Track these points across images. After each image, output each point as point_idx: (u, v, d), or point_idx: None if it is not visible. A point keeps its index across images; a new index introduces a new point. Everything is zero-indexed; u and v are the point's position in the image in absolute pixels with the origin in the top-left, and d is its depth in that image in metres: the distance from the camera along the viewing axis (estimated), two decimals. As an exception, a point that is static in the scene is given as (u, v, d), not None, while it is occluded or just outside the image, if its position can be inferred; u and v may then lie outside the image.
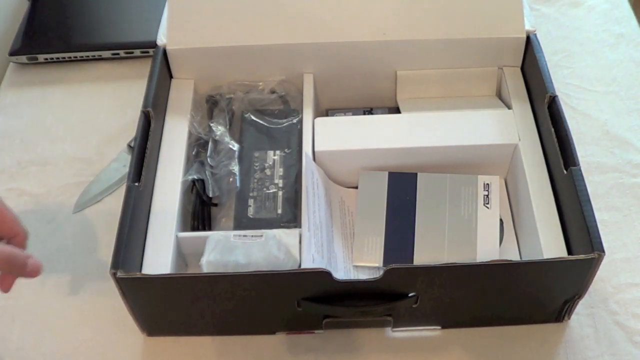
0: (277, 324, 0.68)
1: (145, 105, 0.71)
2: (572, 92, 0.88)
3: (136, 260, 0.65)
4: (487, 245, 0.71)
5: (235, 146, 0.77)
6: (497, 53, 0.80)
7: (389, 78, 0.82)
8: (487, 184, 0.74)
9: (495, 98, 0.82)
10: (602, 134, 0.84)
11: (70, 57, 0.94)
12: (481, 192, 0.74)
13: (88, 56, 0.94)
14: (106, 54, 0.94)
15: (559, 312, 0.67)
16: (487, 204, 0.73)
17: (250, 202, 0.74)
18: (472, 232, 0.72)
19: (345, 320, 0.66)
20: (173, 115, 0.77)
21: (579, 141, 0.67)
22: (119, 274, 0.59)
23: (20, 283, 0.73)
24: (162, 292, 0.63)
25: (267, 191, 0.74)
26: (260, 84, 0.82)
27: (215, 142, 0.78)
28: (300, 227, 0.68)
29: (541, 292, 0.65)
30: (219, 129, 0.78)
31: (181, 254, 0.70)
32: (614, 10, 0.98)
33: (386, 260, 0.71)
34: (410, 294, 0.63)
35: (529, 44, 0.78)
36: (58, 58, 0.94)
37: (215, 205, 0.76)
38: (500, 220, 0.73)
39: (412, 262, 0.71)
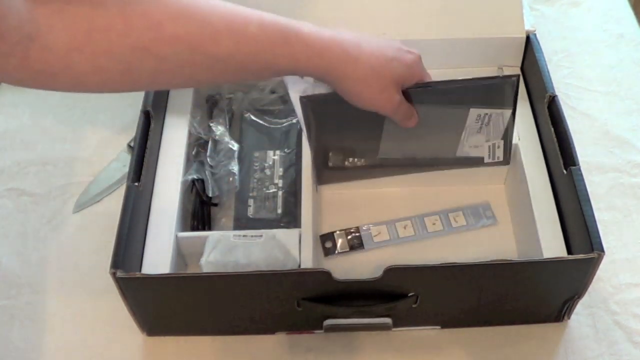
0: (277, 324, 0.68)
1: (145, 105, 0.71)
2: (572, 92, 0.88)
3: (136, 260, 0.65)
4: None
5: (235, 146, 0.77)
6: (497, 53, 0.80)
7: (389, 78, 0.82)
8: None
9: (495, 98, 0.82)
10: (602, 134, 0.84)
11: (70, 57, 0.94)
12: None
13: (88, 56, 0.94)
14: (106, 53, 0.94)
15: (559, 311, 0.67)
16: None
17: (250, 202, 0.74)
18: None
19: (345, 324, 0.66)
20: (173, 115, 0.77)
21: (579, 141, 0.67)
22: (119, 274, 0.59)
23: (20, 283, 0.73)
24: (162, 292, 0.64)
25: (267, 191, 0.74)
26: (260, 84, 0.82)
27: (215, 142, 0.78)
28: (300, 227, 0.68)
29: (541, 292, 0.65)
30: (219, 129, 0.78)
31: (181, 254, 0.70)
32: (614, 10, 0.98)
33: None
34: (410, 294, 0.63)
35: (529, 44, 0.78)
36: (58, 58, 0.93)
37: (215, 205, 0.76)
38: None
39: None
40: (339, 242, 0.73)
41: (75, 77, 0.50)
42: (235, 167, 0.76)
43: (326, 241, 0.73)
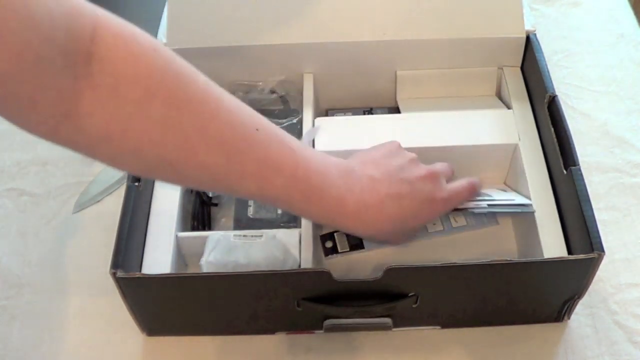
0: (277, 324, 0.68)
1: (145, 105, 0.71)
2: (572, 92, 0.88)
3: (136, 260, 0.65)
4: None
5: (235, 146, 0.77)
6: (497, 53, 0.80)
7: (389, 78, 0.82)
8: None
9: (495, 98, 0.82)
10: (602, 134, 0.84)
11: (70, 57, 0.94)
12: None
13: (88, 56, 0.94)
14: (106, 54, 0.93)
15: (559, 312, 0.67)
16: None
17: (250, 202, 0.74)
18: None
19: (345, 324, 0.66)
20: (173, 115, 0.77)
21: (579, 141, 0.67)
22: (119, 274, 0.59)
23: (20, 283, 0.73)
24: (162, 292, 0.64)
25: (267, 191, 0.74)
26: (260, 84, 0.82)
27: (215, 142, 0.77)
28: (300, 227, 0.68)
29: (541, 292, 0.65)
30: (219, 129, 0.78)
31: (181, 254, 0.70)
32: (614, 10, 0.98)
33: None
34: (410, 294, 0.63)
35: (529, 44, 0.78)
36: (58, 58, 0.93)
37: (215, 205, 0.76)
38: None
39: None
40: (339, 242, 0.73)
41: (98, 157, 0.52)
42: (235, 167, 0.76)
43: (326, 241, 0.73)
